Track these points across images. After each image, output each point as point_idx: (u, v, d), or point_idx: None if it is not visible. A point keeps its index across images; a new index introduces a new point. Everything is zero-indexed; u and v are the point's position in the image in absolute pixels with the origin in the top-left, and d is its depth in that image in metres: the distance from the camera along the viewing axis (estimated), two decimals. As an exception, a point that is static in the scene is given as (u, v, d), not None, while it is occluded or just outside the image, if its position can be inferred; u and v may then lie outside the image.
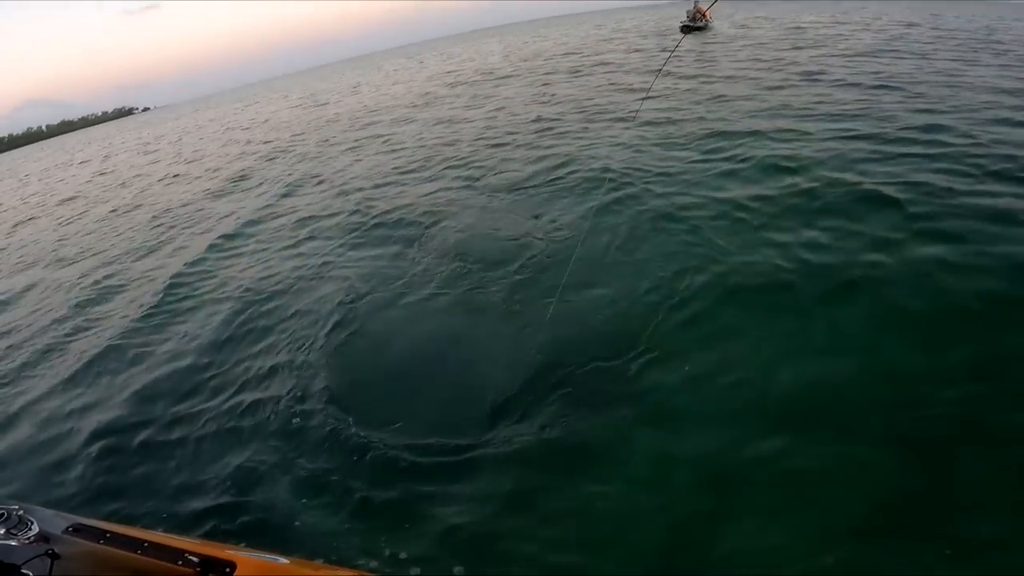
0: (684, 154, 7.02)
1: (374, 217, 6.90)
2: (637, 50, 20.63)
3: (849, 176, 5.36)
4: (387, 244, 5.97)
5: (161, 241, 8.60)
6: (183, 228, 9.09)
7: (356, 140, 13.22)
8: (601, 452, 2.79)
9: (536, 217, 5.81)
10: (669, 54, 4.00)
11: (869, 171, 5.45)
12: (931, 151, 5.78)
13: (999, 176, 4.96)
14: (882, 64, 11.66)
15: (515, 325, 3.94)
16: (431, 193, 7.49)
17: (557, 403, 3.12)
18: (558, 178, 6.91)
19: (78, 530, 1.66)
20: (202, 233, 8.43)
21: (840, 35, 18.58)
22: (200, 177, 13.78)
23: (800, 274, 3.95)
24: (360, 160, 10.82)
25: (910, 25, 21.38)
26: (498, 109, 13.12)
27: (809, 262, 4.07)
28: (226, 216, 9.07)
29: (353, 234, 6.53)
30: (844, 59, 13.01)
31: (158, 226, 9.64)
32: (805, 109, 8.36)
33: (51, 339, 5.72)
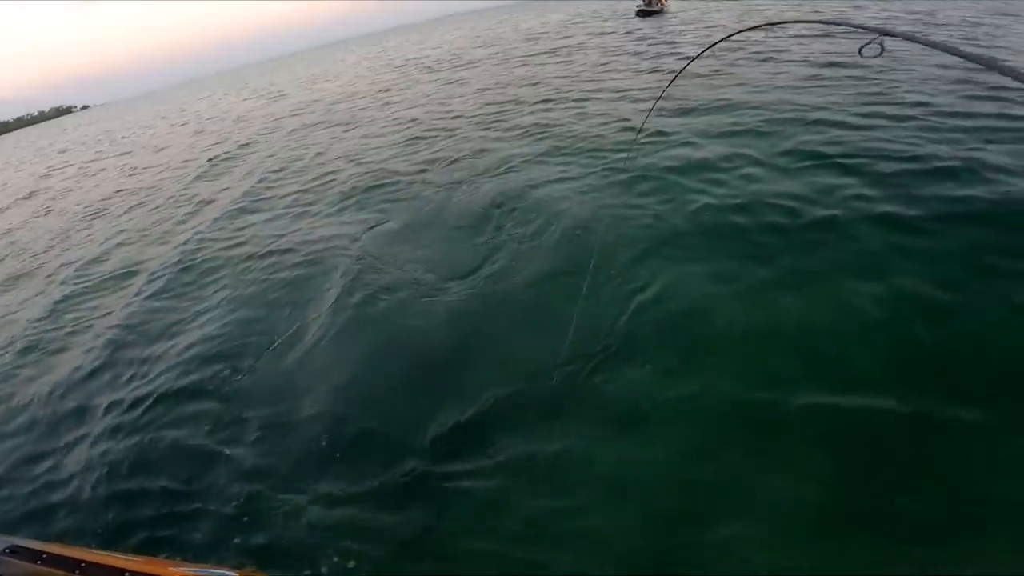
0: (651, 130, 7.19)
1: (359, 195, 6.78)
2: (602, 33, 20.78)
3: (801, 145, 5.69)
4: (373, 229, 5.92)
5: (133, 234, 8.33)
6: (156, 219, 8.81)
7: (321, 129, 12.97)
8: (576, 453, 2.73)
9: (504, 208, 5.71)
10: (668, 83, 3.87)
11: (820, 139, 5.78)
12: (872, 121, 6.13)
13: (935, 140, 5.32)
14: (829, 44, 12.16)
15: (485, 325, 3.86)
16: (405, 181, 7.48)
17: (534, 407, 3.03)
18: (529, 159, 7.00)
19: (15, 551, 1.60)
20: (179, 223, 8.20)
21: (792, 17, 19.17)
22: (166, 168, 13.28)
23: (758, 243, 4.13)
24: (325, 152, 10.63)
25: (856, 8, 22.24)
26: (465, 95, 13.09)
27: (771, 227, 4.28)
28: (207, 202, 8.84)
29: (338, 218, 6.47)
30: (795, 39, 13.52)
31: (129, 218, 9.31)
32: (761, 85, 8.69)
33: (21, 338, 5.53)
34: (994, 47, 10.52)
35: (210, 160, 12.57)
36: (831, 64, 9.75)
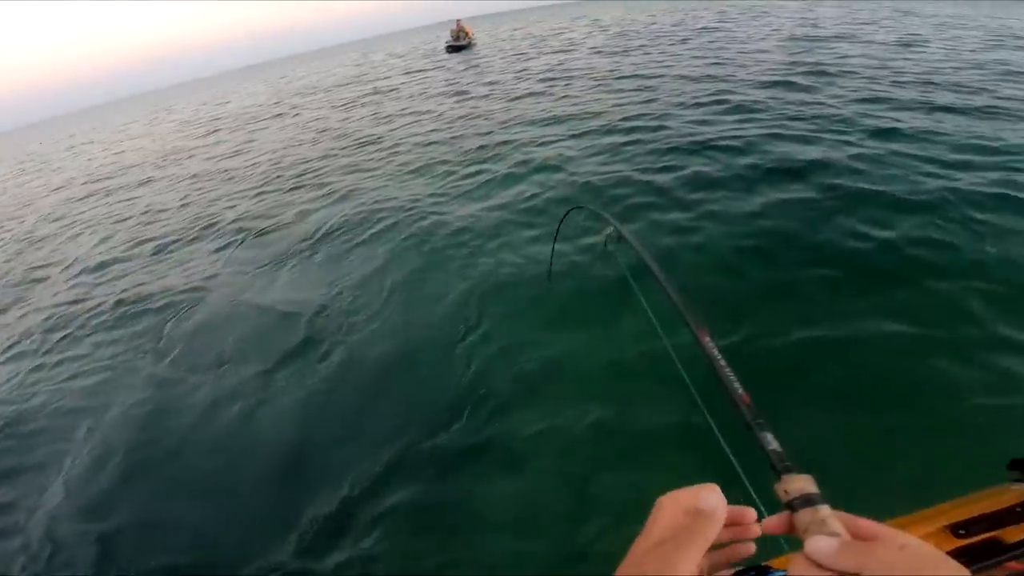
0: (456, 172, 7.34)
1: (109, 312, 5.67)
2: (418, 71, 21.44)
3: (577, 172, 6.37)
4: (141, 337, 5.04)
5: None
6: None
7: (92, 212, 11.07)
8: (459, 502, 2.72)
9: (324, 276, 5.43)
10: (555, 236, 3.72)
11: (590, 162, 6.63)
12: (636, 136, 7.13)
13: (692, 152, 6.27)
14: (614, 61, 14.11)
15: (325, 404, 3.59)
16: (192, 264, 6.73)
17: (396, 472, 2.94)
18: (329, 226, 6.45)
19: None
20: None
21: (583, 38, 21.88)
22: None
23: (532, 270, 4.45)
24: (100, 244, 9.04)
25: (632, 21, 26.20)
26: (276, 149, 12.43)
27: (533, 259, 4.62)
28: None
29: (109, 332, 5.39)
30: (589, 56, 15.53)
31: None
32: (556, 108, 9.69)
33: None
34: (718, 47, 13.14)
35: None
36: (620, 76, 11.37)
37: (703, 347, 0.53)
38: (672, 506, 0.45)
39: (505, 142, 8.06)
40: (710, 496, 0.45)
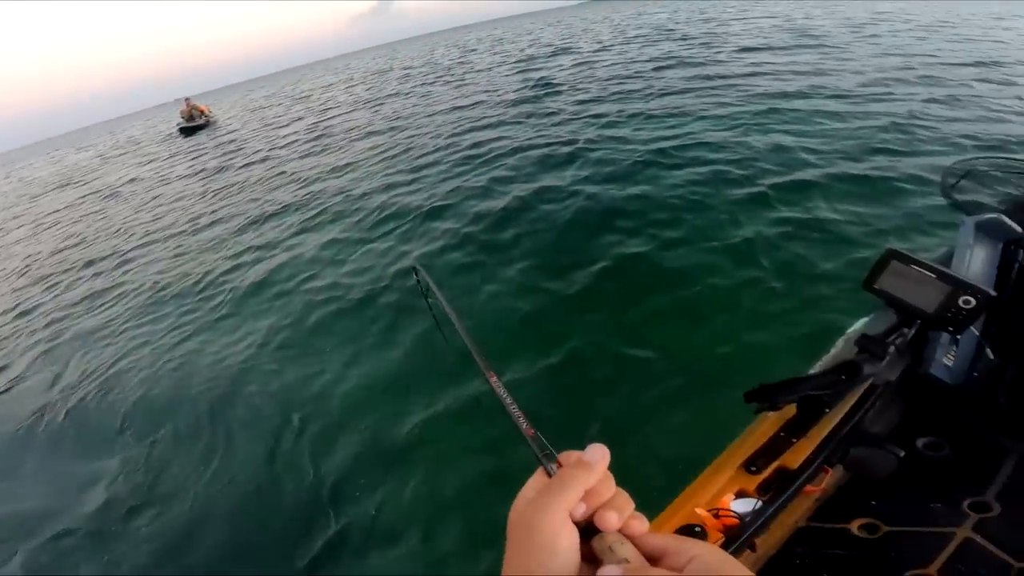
0: (225, 251, 6.95)
1: None
2: (150, 161, 18.99)
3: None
4: None
5: None
6: None
7: None
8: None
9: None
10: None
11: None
12: (400, 177, 7.55)
13: (458, 175, 6.94)
14: (372, 111, 14.58)
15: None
16: None
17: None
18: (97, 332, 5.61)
19: None
20: None
21: (340, 94, 22.16)
22: None
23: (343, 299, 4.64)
24: None
25: (388, 70, 27.50)
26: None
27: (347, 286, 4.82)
28: None
29: None
30: (348, 111, 15.82)
31: None
32: (320, 166, 9.66)
33: None
34: (467, 80, 14.64)
35: None
36: (380, 123, 11.74)
37: (493, 388, 0.58)
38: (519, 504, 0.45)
39: (273, 214, 7.68)
40: (596, 450, 0.45)
